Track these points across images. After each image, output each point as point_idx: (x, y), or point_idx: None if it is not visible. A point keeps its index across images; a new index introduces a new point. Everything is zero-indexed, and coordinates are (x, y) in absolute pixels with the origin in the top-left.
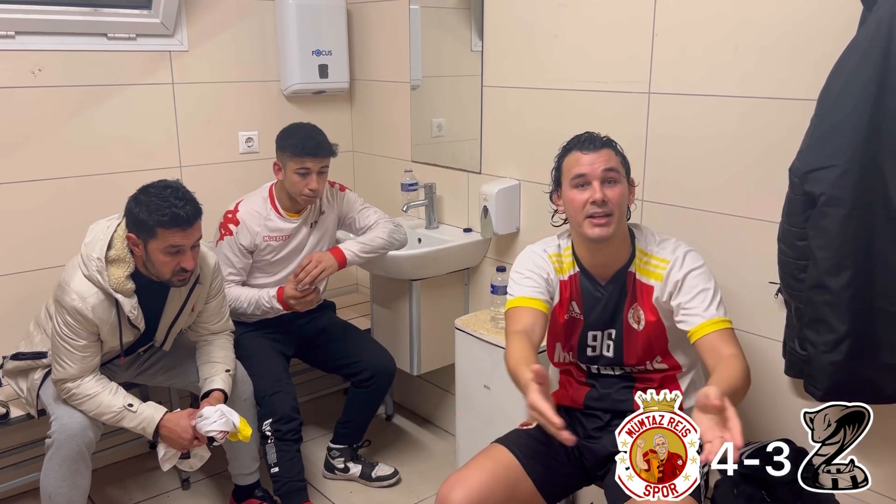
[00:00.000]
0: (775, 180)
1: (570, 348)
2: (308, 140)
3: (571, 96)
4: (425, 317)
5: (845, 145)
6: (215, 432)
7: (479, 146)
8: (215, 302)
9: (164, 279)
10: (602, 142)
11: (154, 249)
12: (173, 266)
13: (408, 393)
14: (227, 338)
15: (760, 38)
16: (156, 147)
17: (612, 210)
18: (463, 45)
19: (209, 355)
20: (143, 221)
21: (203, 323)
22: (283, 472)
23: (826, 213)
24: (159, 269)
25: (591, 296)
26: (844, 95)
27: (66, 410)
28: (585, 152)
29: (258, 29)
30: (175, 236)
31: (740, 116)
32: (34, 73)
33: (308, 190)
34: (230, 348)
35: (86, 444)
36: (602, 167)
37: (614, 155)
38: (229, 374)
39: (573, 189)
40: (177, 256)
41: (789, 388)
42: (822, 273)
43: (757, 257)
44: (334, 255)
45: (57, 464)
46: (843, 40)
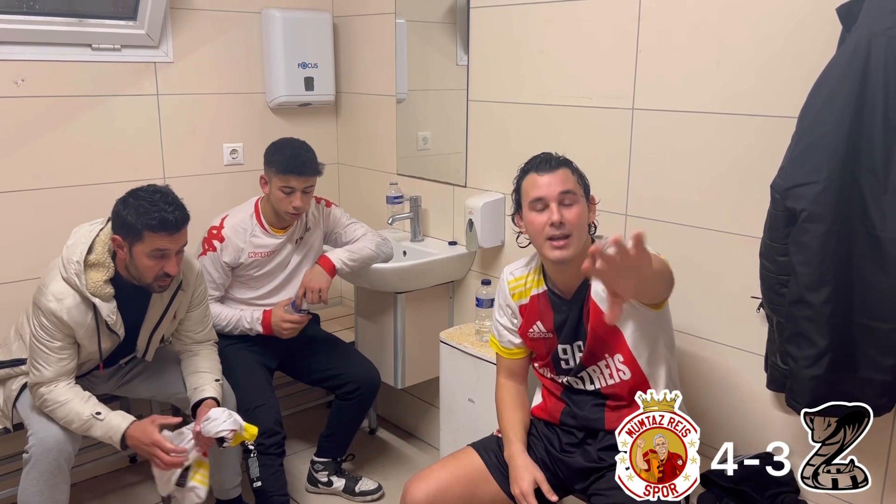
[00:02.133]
0: (756, 196)
1: (546, 364)
2: (294, 158)
3: (556, 111)
4: (410, 330)
5: (825, 162)
6: (226, 432)
7: (464, 160)
8: (199, 311)
9: (145, 283)
10: (558, 161)
11: (139, 253)
12: (157, 270)
13: (392, 406)
14: (212, 348)
15: (742, 56)
16: (140, 158)
17: (570, 231)
18: (449, 59)
19: (196, 366)
20: (131, 224)
21: (186, 332)
22: (266, 486)
23: (807, 230)
24: (142, 273)
25: (560, 311)
26: (824, 113)
27: (43, 425)
28: (541, 174)
29: (244, 41)
30: (162, 240)
31: (722, 133)
32: (17, 84)
33: (291, 208)
34: (216, 359)
35: (64, 458)
36: (558, 189)
37: (571, 174)
38: (219, 384)
39: (532, 212)
40: (161, 261)
41: (771, 402)
42: (802, 288)
43: (739, 272)
44: (322, 265)
45: (34, 478)
46: (823, 59)
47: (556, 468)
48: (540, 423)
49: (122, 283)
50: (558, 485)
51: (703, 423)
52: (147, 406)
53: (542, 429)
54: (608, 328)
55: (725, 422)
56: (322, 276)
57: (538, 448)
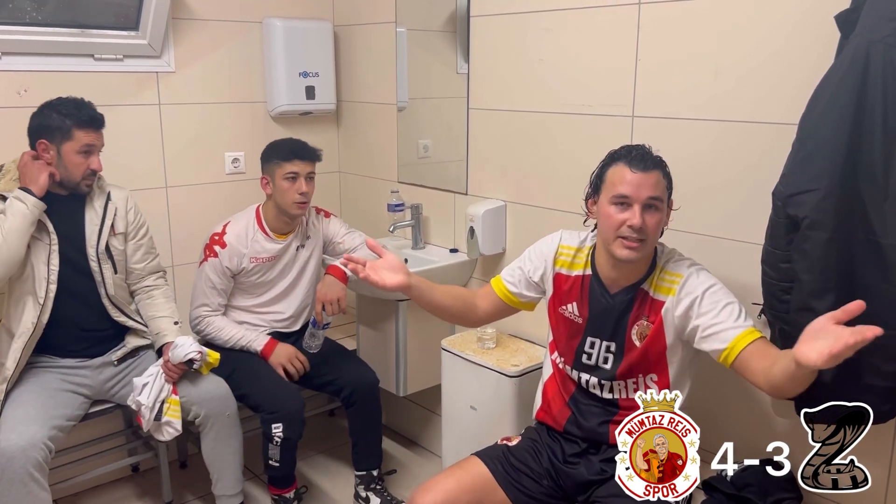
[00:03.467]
0: (757, 203)
1: (566, 352)
2: (294, 144)
3: (556, 119)
4: (412, 337)
5: (826, 169)
6: (193, 353)
7: (465, 167)
8: (141, 235)
9: (75, 182)
10: (654, 162)
11: (68, 151)
12: (84, 168)
13: (394, 414)
14: (165, 288)
15: (740, 63)
16: (142, 167)
17: (646, 237)
18: (449, 68)
19: (154, 309)
20: (58, 125)
21: (134, 264)
22: (282, 466)
23: (809, 237)
24: (72, 172)
25: (598, 302)
26: (824, 120)
27: (3, 434)
28: (634, 170)
29: (245, 50)
30: (90, 136)
31: (723, 140)
32: (20, 94)
33: (298, 195)
34: (171, 299)
35: (33, 465)
36: (648, 194)
37: (662, 179)
38: (178, 327)
39: (612, 205)
40: (88, 157)
41: (773, 407)
42: (806, 296)
43: (739, 278)
44: (334, 274)
45: (5, 488)
46: (820, 66)
47: (560, 479)
48: (543, 429)
49: (51, 197)
50: (562, 495)
51: (705, 427)
52: None
53: (546, 437)
54: (659, 350)
55: (731, 424)
56: (336, 285)
57: (542, 458)
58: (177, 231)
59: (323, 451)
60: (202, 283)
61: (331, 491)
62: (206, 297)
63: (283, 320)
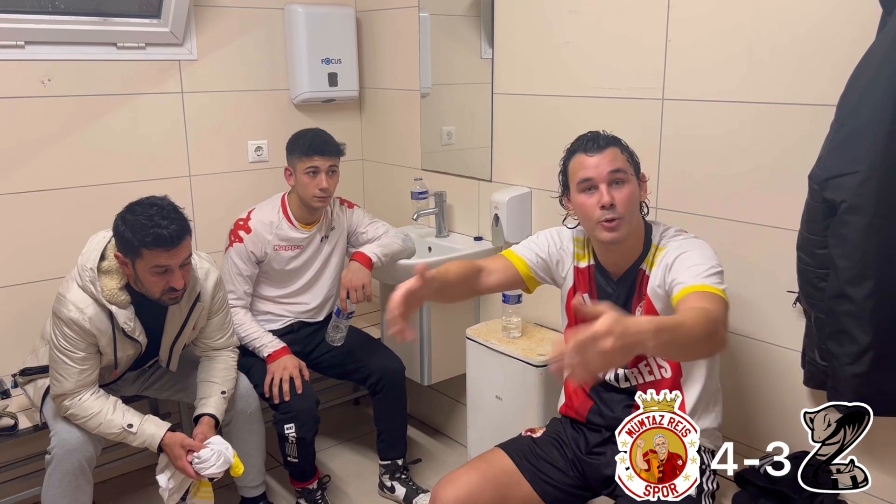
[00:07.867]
0: (792, 187)
1: None
2: (315, 138)
3: (583, 103)
4: (436, 326)
5: (866, 152)
6: (217, 472)
7: (489, 154)
8: (217, 318)
9: (154, 298)
10: (606, 140)
11: (141, 269)
12: (162, 286)
13: (418, 403)
14: (229, 354)
15: (775, 42)
16: (165, 156)
17: (622, 213)
18: (473, 53)
19: (208, 373)
20: (129, 241)
21: (204, 339)
22: (301, 462)
23: (847, 222)
24: (149, 289)
25: (604, 291)
26: (864, 101)
27: (64, 425)
28: (590, 154)
29: (267, 38)
30: (160, 257)
31: (755, 122)
32: (44, 83)
33: (318, 190)
34: (232, 367)
35: (86, 459)
36: (607, 169)
37: (620, 153)
38: (224, 397)
39: (581, 194)
40: (165, 276)
41: (808, 399)
42: (843, 283)
43: (774, 266)
44: (359, 260)
45: (57, 479)
46: (860, 44)
47: (585, 472)
48: (567, 422)
49: (136, 292)
50: (588, 486)
51: (739, 420)
52: (175, 405)
53: (570, 430)
54: None
55: (761, 417)
56: (361, 271)
57: (567, 449)
58: (200, 220)
59: (347, 441)
60: (228, 269)
61: (355, 480)
62: (233, 283)
63: (307, 311)
